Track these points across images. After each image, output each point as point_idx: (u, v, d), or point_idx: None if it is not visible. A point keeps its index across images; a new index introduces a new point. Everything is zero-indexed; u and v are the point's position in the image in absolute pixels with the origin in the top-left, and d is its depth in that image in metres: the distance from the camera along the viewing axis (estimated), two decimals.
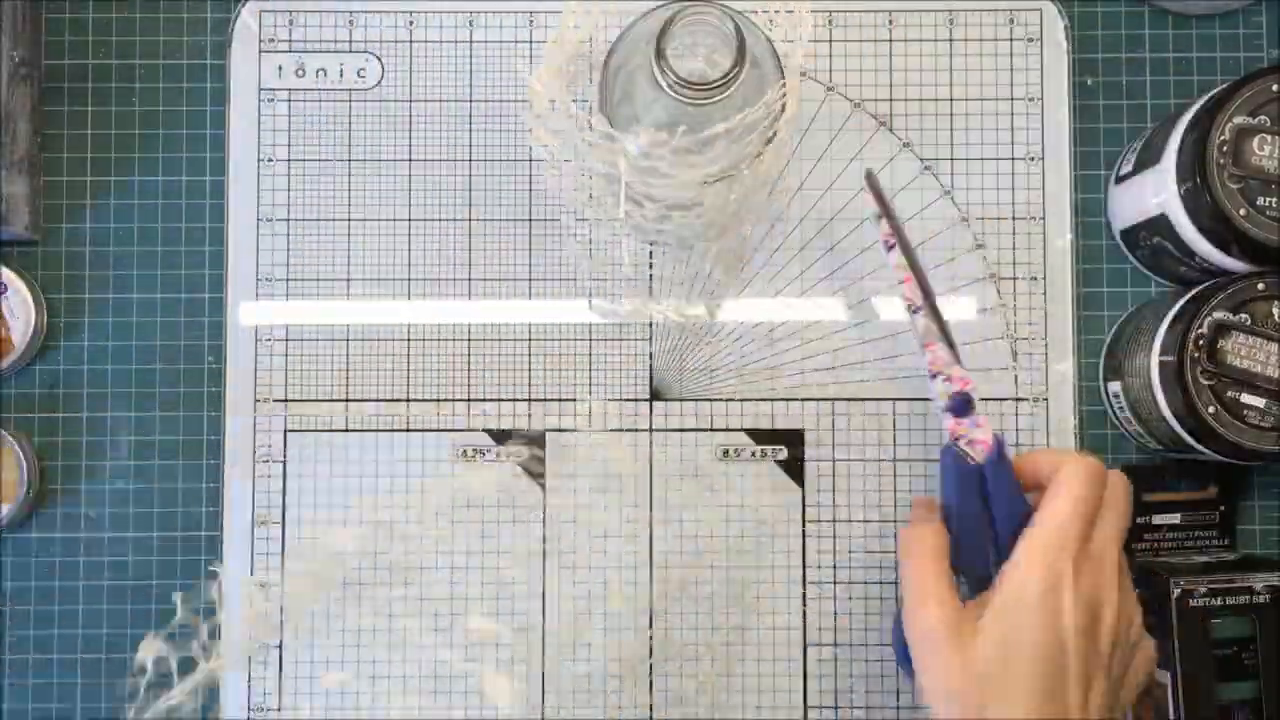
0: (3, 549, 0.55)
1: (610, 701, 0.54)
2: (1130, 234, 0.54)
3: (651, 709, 0.54)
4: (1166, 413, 0.49)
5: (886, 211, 0.49)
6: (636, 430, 0.55)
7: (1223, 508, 0.55)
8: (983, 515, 0.48)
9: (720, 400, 0.55)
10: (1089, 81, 0.56)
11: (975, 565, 0.47)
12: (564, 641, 0.55)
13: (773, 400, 0.55)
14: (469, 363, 0.56)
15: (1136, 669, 0.46)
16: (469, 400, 0.55)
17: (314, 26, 0.56)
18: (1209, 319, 0.48)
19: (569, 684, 0.54)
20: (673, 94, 0.43)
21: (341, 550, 0.55)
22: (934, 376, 0.49)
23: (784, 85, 0.46)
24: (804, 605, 0.55)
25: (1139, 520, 0.54)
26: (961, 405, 0.48)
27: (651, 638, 0.55)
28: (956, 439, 0.48)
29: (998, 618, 0.44)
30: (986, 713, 0.43)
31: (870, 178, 0.50)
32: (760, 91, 0.45)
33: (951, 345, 0.49)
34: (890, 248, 0.49)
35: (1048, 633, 0.43)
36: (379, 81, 0.56)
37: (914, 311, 0.49)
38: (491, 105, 0.56)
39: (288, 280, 0.56)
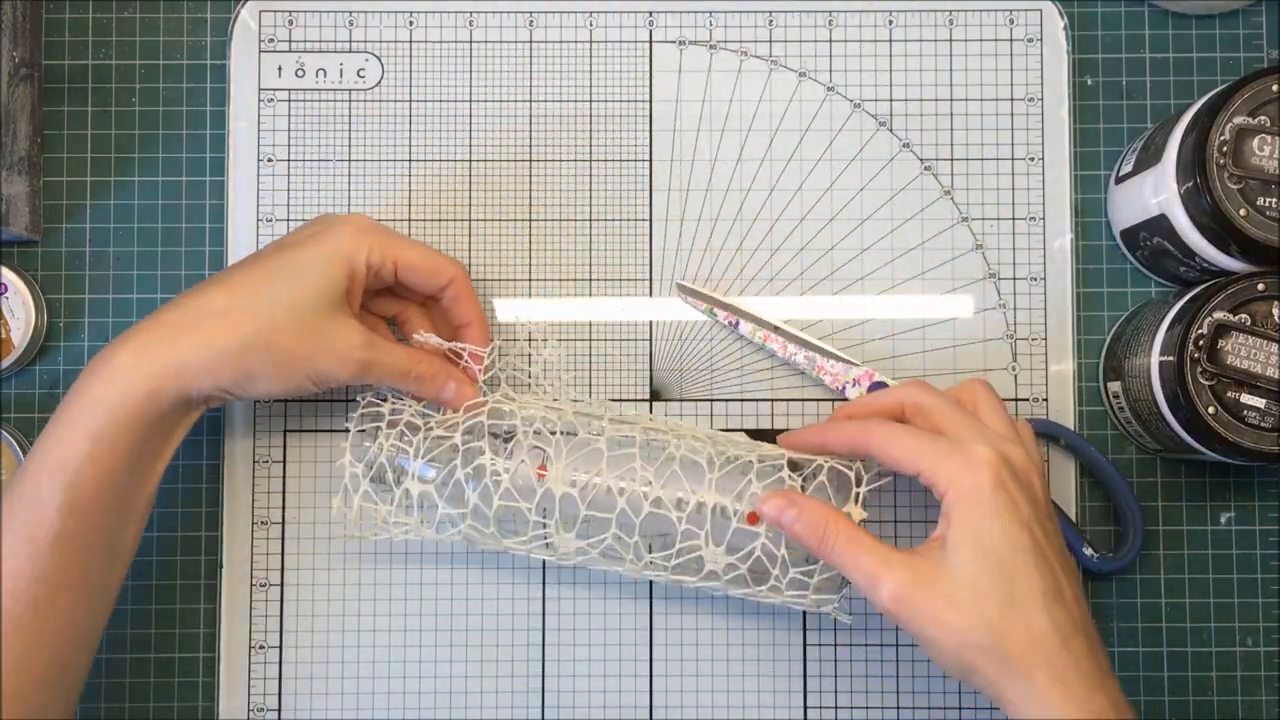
0: None
1: (610, 701, 0.54)
2: (1130, 234, 0.54)
3: (651, 709, 0.54)
4: (1166, 413, 0.49)
5: (715, 303, 0.55)
6: None
7: None
8: None
9: (720, 400, 0.55)
10: (1089, 81, 0.56)
11: None
12: (564, 641, 0.55)
13: (772, 400, 0.55)
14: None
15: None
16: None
17: (314, 26, 0.56)
18: (1209, 319, 0.48)
19: (569, 684, 0.54)
20: None
21: (341, 550, 0.55)
22: (844, 390, 0.54)
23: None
24: None
25: None
26: None
27: (652, 637, 0.55)
28: None
29: (960, 533, 0.43)
30: (1005, 642, 0.42)
31: (683, 289, 0.55)
32: None
33: (834, 356, 0.54)
34: (735, 325, 0.54)
35: (1013, 524, 0.43)
36: (379, 81, 0.56)
37: (791, 356, 0.54)
38: (491, 105, 0.56)
39: None
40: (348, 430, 0.51)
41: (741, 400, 0.55)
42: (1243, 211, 0.47)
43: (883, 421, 0.46)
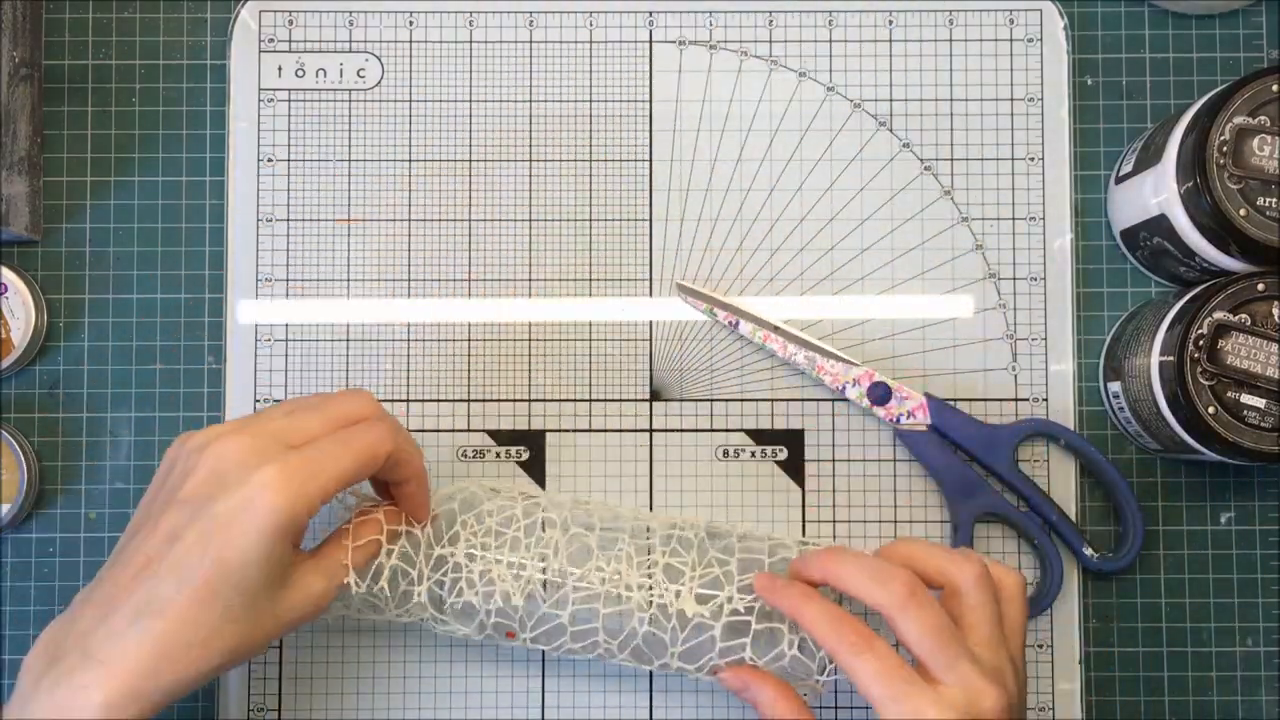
0: (3, 549, 0.55)
1: (610, 701, 0.54)
2: (1130, 234, 0.54)
3: (651, 709, 0.54)
4: (1166, 413, 0.49)
5: (716, 303, 0.55)
6: (636, 430, 0.55)
7: None
8: (964, 460, 0.54)
9: (720, 400, 0.55)
10: (1089, 81, 0.56)
11: (977, 502, 0.53)
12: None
13: (773, 400, 0.55)
14: (469, 363, 0.56)
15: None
16: (469, 400, 0.55)
17: (314, 26, 0.56)
18: (1209, 319, 0.48)
19: (569, 684, 0.54)
20: None
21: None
22: (844, 390, 0.54)
23: None
24: None
25: None
26: (881, 393, 0.54)
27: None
28: (897, 420, 0.53)
29: None
30: None
31: (683, 289, 0.55)
32: None
33: (834, 356, 0.54)
34: (735, 325, 0.54)
35: None
36: (379, 81, 0.56)
37: (791, 356, 0.54)
38: (492, 105, 0.56)
39: (288, 280, 0.56)
40: None
41: (741, 400, 0.55)
42: (1243, 211, 0.47)
43: (861, 633, 0.44)
